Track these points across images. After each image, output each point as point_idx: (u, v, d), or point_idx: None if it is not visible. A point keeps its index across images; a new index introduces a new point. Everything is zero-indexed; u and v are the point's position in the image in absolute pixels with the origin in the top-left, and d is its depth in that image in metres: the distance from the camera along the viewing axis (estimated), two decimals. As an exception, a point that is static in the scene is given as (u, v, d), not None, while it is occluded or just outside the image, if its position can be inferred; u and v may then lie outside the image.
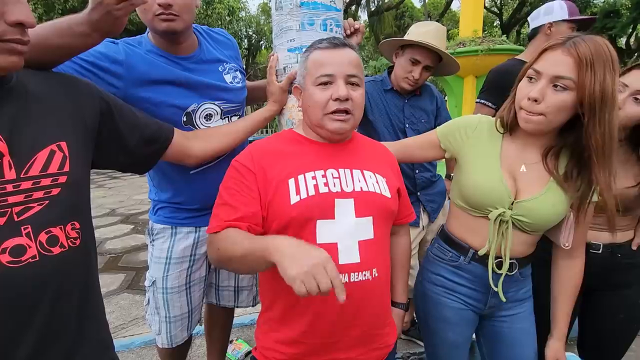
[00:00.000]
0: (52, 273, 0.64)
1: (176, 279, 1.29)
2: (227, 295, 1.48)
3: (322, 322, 0.86)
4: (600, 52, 0.80)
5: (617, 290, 1.22)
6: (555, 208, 0.93)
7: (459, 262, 1.06)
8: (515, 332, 1.07)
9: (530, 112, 0.86)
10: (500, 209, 0.94)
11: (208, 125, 1.22)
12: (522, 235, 0.98)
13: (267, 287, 0.95)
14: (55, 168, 0.66)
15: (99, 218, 4.92)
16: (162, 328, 1.33)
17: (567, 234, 0.96)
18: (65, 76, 0.78)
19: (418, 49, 1.49)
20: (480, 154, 1.00)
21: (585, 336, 1.36)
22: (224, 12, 14.53)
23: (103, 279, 3.05)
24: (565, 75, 0.81)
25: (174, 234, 1.29)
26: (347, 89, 0.87)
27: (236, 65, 1.32)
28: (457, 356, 1.11)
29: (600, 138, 0.83)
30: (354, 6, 17.87)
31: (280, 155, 0.92)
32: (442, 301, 1.09)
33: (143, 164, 0.96)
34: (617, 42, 17.52)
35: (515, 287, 1.06)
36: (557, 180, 0.92)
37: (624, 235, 1.20)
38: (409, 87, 1.56)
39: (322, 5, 1.14)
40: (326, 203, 0.85)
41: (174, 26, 1.07)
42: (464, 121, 1.07)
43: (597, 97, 0.80)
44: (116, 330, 2.29)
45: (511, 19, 18.69)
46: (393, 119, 1.62)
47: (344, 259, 0.84)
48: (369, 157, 0.98)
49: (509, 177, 0.96)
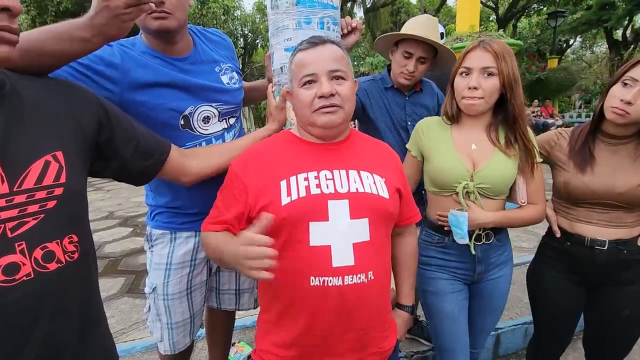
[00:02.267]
0: (49, 290, 0.62)
1: (177, 284, 1.27)
2: (228, 298, 1.46)
3: (317, 325, 0.85)
4: (505, 47, 1.11)
5: (622, 286, 1.21)
6: (505, 170, 1.15)
7: (445, 242, 1.24)
8: (494, 290, 1.26)
9: (472, 97, 1.11)
10: (463, 182, 1.14)
11: (206, 128, 1.20)
12: (489, 203, 1.17)
13: (264, 289, 0.95)
14: (51, 180, 0.64)
15: (97, 221, 4.90)
16: (165, 335, 1.31)
17: (521, 193, 1.18)
18: (63, 82, 0.76)
19: (409, 42, 1.50)
20: (437, 144, 1.22)
21: (590, 332, 1.35)
22: (219, 11, 14.45)
23: (103, 283, 3.03)
24: (490, 65, 1.09)
25: (174, 239, 1.27)
26: (332, 85, 0.87)
27: (232, 66, 1.30)
28: (456, 330, 1.24)
29: (518, 106, 1.12)
30: (349, 3, 17.79)
31: (275, 156, 0.92)
32: (436, 276, 1.25)
33: (139, 177, 0.93)
34: (614, 34, 17.54)
35: (497, 252, 1.24)
36: (500, 148, 1.16)
37: (630, 232, 1.18)
38: (407, 82, 1.55)
39: (319, 4, 1.12)
40: (318, 204, 0.84)
41: (167, 24, 1.05)
42: (417, 126, 1.30)
43: (512, 78, 1.09)
44: (117, 335, 2.28)
45: (507, 13, 18.66)
46: (394, 117, 1.60)
47: (338, 261, 0.83)
48: (367, 157, 0.97)
49: (464, 156, 1.17)
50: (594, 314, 1.30)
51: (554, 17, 13.68)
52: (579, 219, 1.23)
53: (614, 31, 17.32)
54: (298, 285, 0.85)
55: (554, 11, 14.22)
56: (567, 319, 1.34)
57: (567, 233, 1.25)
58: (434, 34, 1.50)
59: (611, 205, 1.16)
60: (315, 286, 0.83)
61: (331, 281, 0.83)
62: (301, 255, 0.84)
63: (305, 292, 0.84)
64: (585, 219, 1.21)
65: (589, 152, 1.18)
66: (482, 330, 1.34)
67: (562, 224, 1.28)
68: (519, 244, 3.44)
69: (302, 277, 0.84)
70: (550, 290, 1.32)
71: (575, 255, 1.24)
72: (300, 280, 0.84)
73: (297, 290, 0.85)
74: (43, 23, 10.95)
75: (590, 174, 1.16)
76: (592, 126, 1.20)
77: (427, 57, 1.51)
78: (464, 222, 1.12)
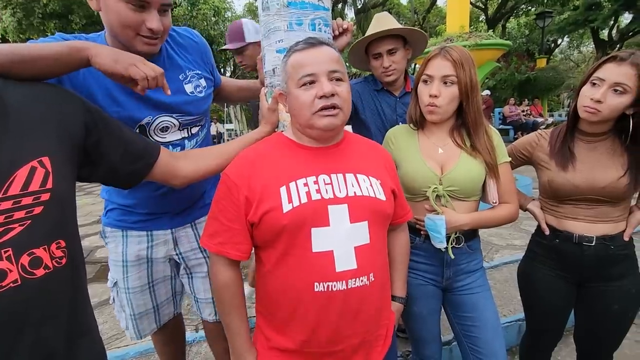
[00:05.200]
0: (36, 297, 0.61)
1: (137, 279, 1.28)
2: (208, 307, 1.39)
3: (322, 330, 0.85)
4: (465, 54, 1.12)
5: (610, 281, 1.23)
6: (473, 172, 1.16)
7: (416, 243, 1.24)
8: (473, 298, 1.24)
9: (432, 106, 1.13)
10: (433, 186, 1.15)
11: (164, 137, 1.16)
12: (461, 205, 1.18)
13: (264, 297, 0.93)
14: (37, 185, 0.63)
15: (88, 226, 4.82)
16: (129, 324, 1.34)
17: (492, 194, 1.19)
18: (49, 87, 0.75)
19: (371, 45, 1.58)
20: (405, 151, 1.25)
21: (581, 327, 1.37)
22: (210, 12, 14.35)
23: (94, 288, 2.99)
24: (450, 74, 1.11)
25: (125, 236, 1.25)
26: (332, 85, 0.86)
27: (200, 72, 1.23)
28: (424, 327, 1.28)
29: (474, 112, 1.15)
30: (340, 4, 17.85)
31: (271, 162, 0.91)
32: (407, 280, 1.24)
33: (127, 181, 0.91)
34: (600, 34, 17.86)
35: (467, 259, 1.23)
36: (466, 151, 1.18)
37: (616, 227, 1.21)
38: (390, 77, 1.58)
39: (310, 5, 1.12)
40: (319, 210, 0.84)
41: (155, 50, 1.05)
42: (386, 135, 1.33)
43: (469, 86, 1.11)
44: (110, 341, 2.25)
45: (496, 13, 18.89)
46: (385, 118, 1.62)
47: (341, 266, 0.83)
48: (362, 159, 0.97)
49: (432, 160, 1.19)
50: (584, 310, 1.32)
51: (542, 17, 13.90)
52: (566, 216, 1.25)
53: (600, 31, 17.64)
54: (302, 292, 0.84)
55: (541, 12, 14.45)
56: (558, 314, 1.36)
57: (555, 230, 1.28)
58: (387, 24, 1.54)
59: (595, 200, 1.19)
60: (320, 292, 0.82)
61: (335, 286, 0.82)
62: (304, 262, 0.83)
63: (309, 298, 0.83)
64: (572, 216, 1.24)
65: (569, 150, 1.22)
66: (492, 351, 1.19)
67: (550, 221, 1.30)
68: (511, 242, 3.48)
69: (306, 284, 0.83)
70: (540, 287, 1.34)
71: (564, 252, 1.26)
72: (304, 287, 0.83)
73: (301, 297, 0.84)
74: (29, 25, 10.79)
75: (572, 170, 1.20)
76: (569, 125, 1.24)
77: (396, 47, 1.55)
78: (441, 226, 1.12)
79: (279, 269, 0.86)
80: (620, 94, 1.07)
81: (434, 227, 1.14)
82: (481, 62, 5.29)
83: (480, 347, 1.19)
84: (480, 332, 1.20)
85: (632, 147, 1.14)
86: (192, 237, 1.34)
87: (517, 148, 1.38)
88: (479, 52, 5.13)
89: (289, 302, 0.86)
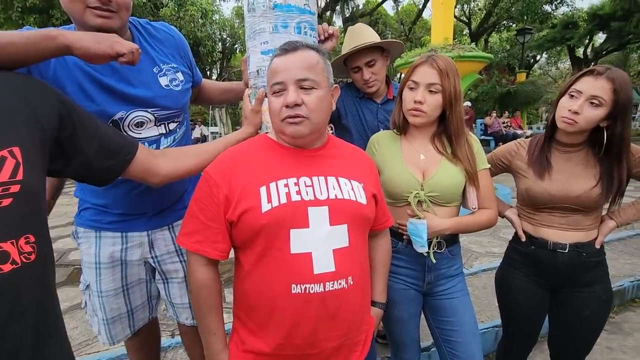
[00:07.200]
0: (2, 292, 0.58)
1: (110, 282, 1.23)
2: (184, 312, 1.36)
3: (299, 333, 0.84)
4: (450, 64, 1.15)
5: (583, 288, 1.27)
6: (453, 178, 1.19)
7: (398, 247, 1.25)
8: (453, 302, 1.25)
9: (417, 110, 1.16)
10: (414, 191, 1.17)
11: (139, 133, 1.13)
12: (442, 210, 1.20)
13: (241, 299, 0.91)
14: (7, 176, 0.60)
15: (62, 227, 4.65)
16: (102, 329, 1.28)
17: (471, 199, 1.21)
18: (20, 77, 0.72)
19: (349, 59, 1.59)
20: (387, 157, 1.26)
21: (554, 332, 1.40)
22: (197, 14, 14.25)
23: (66, 292, 2.87)
24: (435, 82, 1.13)
25: (98, 237, 1.21)
26: (298, 94, 0.85)
27: (177, 66, 1.20)
28: (404, 331, 1.30)
29: (456, 121, 1.17)
30: (328, 12, 18.05)
31: (253, 162, 0.90)
32: (387, 284, 1.22)
33: (102, 177, 0.88)
34: (576, 51, 18.68)
35: (447, 264, 1.26)
36: (447, 157, 1.20)
37: (587, 235, 1.25)
38: (372, 88, 1.60)
39: (296, 8, 1.12)
40: (298, 211, 0.83)
41: (111, 24, 0.97)
42: (370, 141, 1.35)
43: (452, 95, 1.14)
44: (80, 347, 2.15)
45: (479, 27, 19.51)
46: (367, 125, 1.64)
47: (319, 268, 0.83)
48: (345, 163, 0.97)
49: (413, 166, 1.21)
50: (557, 315, 1.36)
51: (522, 33, 14.47)
52: (542, 223, 1.28)
53: (576, 49, 18.47)
54: (279, 293, 0.83)
55: (522, 28, 15.04)
56: (533, 320, 1.39)
57: (531, 237, 1.31)
58: (362, 37, 1.55)
59: (569, 209, 1.23)
60: (297, 294, 0.82)
61: (312, 288, 0.82)
62: (282, 264, 0.83)
63: (286, 300, 0.82)
64: (547, 223, 1.27)
65: (546, 159, 1.26)
66: (470, 355, 1.21)
67: (526, 228, 1.33)
68: (490, 249, 3.55)
69: (283, 286, 0.82)
70: (517, 293, 1.36)
71: (539, 258, 1.29)
72: (281, 288, 0.82)
73: (278, 299, 0.83)
74: (7, 19, 10.42)
75: (549, 180, 1.23)
76: (547, 135, 1.28)
77: (374, 58, 1.56)
78: (423, 231, 1.14)
79: (257, 270, 0.85)
80: (596, 107, 1.11)
81: (416, 232, 1.16)
82: (464, 73, 5.43)
83: (459, 351, 1.21)
84: (459, 336, 1.22)
85: (605, 158, 1.19)
86: (169, 240, 1.30)
87: (497, 156, 1.41)
88: (461, 64, 5.25)
89: (266, 303, 0.85)
